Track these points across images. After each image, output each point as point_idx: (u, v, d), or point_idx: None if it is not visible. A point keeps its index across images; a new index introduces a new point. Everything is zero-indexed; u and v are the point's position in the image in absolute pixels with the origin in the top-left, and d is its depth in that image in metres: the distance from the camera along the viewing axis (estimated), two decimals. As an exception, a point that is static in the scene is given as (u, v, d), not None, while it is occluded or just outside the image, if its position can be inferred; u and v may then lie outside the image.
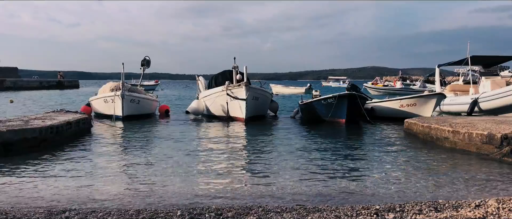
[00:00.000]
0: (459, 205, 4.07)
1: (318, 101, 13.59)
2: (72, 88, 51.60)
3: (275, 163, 6.82)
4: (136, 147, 8.64)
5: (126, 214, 3.92)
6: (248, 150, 8.40)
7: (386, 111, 14.02)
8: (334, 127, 12.18)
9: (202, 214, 3.90)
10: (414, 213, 3.80)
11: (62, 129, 8.75)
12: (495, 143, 7.45)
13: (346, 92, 12.94)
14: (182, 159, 7.19)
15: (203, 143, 9.41)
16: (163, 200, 4.74)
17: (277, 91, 38.45)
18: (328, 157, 7.40)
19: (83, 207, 4.36)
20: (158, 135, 10.75)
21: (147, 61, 18.03)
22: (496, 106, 12.81)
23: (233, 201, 4.64)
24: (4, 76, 43.26)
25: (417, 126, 9.98)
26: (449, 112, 15.37)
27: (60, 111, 12.07)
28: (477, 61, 16.71)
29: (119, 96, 13.68)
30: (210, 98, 14.68)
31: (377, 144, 9.00)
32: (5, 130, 7.40)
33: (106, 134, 10.82)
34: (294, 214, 3.87)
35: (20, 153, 7.37)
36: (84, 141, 9.31)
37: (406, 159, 7.16)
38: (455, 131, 8.43)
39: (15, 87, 41.49)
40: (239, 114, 13.27)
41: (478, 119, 10.73)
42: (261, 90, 14.73)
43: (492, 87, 13.83)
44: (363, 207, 4.07)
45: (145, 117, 15.21)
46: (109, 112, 14.08)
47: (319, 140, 9.69)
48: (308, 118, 14.72)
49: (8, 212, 4.09)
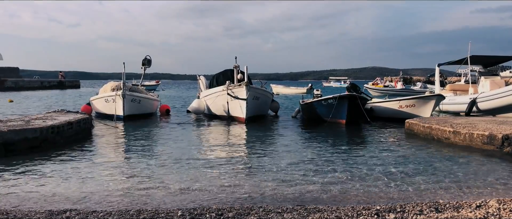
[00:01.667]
0: (460, 205, 4.07)
1: (318, 102, 13.58)
2: (73, 88, 51.62)
3: (275, 163, 6.81)
4: (137, 147, 8.65)
5: (127, 214, 3.92)
6: (249, 149, 8.40)
7: (386, 111, 14.01)
8: (335, 128, 12.18)
9: (202, 214, 3.90)
10: (415, 214, 3.79)
11: (63, 129, 8.75)
12: (496, 144, 7.45)
13: (346, 93, 12.93)
14: (182, 159, 7.19)
15: (203, 143, 9.42)
16: (163, 200, 4.74)
17: (278, 91, 38.42)
18: (328, 157, 7.40)
19: (84, 207, 4.36)
20: (159, 135, 10.76)
21: (148, 61, 18.01)
22: (494, 106, 12.79)
23: (233, 201, 4.64)
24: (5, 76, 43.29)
25: (418, 126, 9.98)
26: (447, 111, 15.37)
27: (61, 110, 12.07)
28: (477, 61, 16.71)
29: (120, 96, 13.67)
30: (210, 97, 14.69)
31: (378, 144, 8.99)
32: (6, 130, 7.40)
33: (107, 134, 10.83)
34: (295, 214, 3.87)
35: (21, 153, 7.37)
36: (85, 141, 9.32)
37: (407, 160, 7.15)
38: (456, 132, 8.43)
39: (16, 87, 41.52)
40: (240, 114, 13.27)
41: (479, 119, 10.72)
42: (262, 90, 14.73)
43: (491, 88, 13.82)
44: (364, 208, 4.08)
45: (146, 116, 15.22)
46: (110, 111, 14.08)
47: (319, 140, 9.68)
48: (308, 118, 14.72)
49: (9, 212, 4.09)
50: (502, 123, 9.20)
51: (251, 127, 12.25)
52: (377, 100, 15.74)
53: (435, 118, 11.67)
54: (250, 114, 13.21)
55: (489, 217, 3.64)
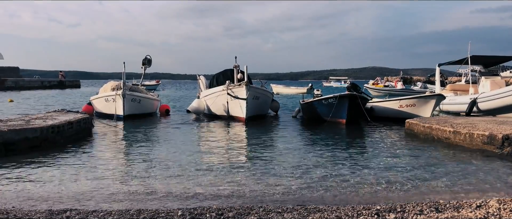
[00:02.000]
0: (460, 205, 4.07)
1: (319, 101, 13.58)
2: (73, 88, 51.60)
3: (275, 163, 6.82)
4: (137, 147, 8.65)
5: (127, 214, 3.92)
6: (249, 149, 8.40)
7: (386, 111, 14.01)
8: (335, 127, 12.17)
9: (203, 214, 3.90)
10: (415, 214, 3.79)
11: (63, 129, 8.75)
12: (496, 144, 7.44)
13: (347, 92, 12.92)
14: (183, 159, 7.19)
15: (203, 143, 9.42)
16: (164, 200, 4.74)
17: (278, 91, 38.39)
18: (328, 157, 7.40)
19: (84, 207, 4.36)
20: (159, 134, 10.76)
21: (149, 61, 18.02)
22: (495, 106, 12.78)
23: (234, 201, 4.64)
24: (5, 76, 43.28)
25: (418, 126, 9.98)
26: (448, 111, 15.36)
27: (61, 110, 12.07)
28: (478, 61, 16.70)
29: (120, 95, 13.67)
30: (210, 97, 14.69)
31: (378, 144, 8.99)
32: (6, 130, 7.41)
33: (107, 133, 10.83)
34: (295, 214, 3.87)
35: (21, 152, 7.38)
36: (85, 141, 9.32)
37: (407, 159, 7.15)
38: (456, 132, 8.43)
39: (16, 87, 41.51)
40: (240, 113, 13.28)
41: (479, 119, 10.72)
42: (262, 90, 14.73)
43: (491, 88, 13.81)
44: (364, 208, 4.07)
45: (146, 116, 15.22)
46: (110, 111, 14.08)
47: (319, 140, 9.69)
48: (309, 118, 14.72)
49: (9, 211, 4.09)
50: (502, 123, 9.19)
51: (251, 127, 12.25)
52: (377, 100, 15.74)
53: (435, 118, 11.66)
54: (250, 114, 13.22)
55: (490, 217, 3.64)
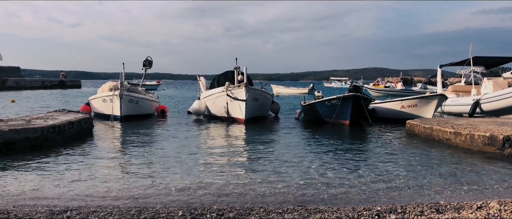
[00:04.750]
0: (460, 206, 4.07)
1: (321, 103, 13.54)
2: (74, 88, 51.62)
3: (275, 164, 6.81)
4: (137, 147, 8.65)
5: (128, 214, 3.92)
6: (249, 150, 8.40)
7: (387, 111, 13.98)
8: (337, 128, 12.16)
9: (203, 214, 3.90)
10: (416, 215, 3.79)
11: (64, 129, 8.76)
12: (497, 145, 7.44)
13: (350, 93, 12.88)
14: (183, 159, 7.20)
15: (203, 143, 9.42)
16: (164, 200, 4.74)
17: (278, 92, 38.36)
18: (329, 158, 7.40)
19: (85, 207, 4.36)
20: (159, 135, 10.75)
21: (149, 62, 18.00)
22: (498, 107, 12.76)
23: (234, 202, 4.64)
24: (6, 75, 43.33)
25: (419, 127, 9.97)
26: (450, 112, 15.34)
27: (62, 110, 12.07)
28: (479, 62, 16.69)
29: (117, 96, 13.61)
30: (211, 98, 14.68)
31: (379, 145, 8.99)
32: (7, 129, 7.42)
33: (107, 134, 10.84)
34: (296, 214, 3.87)
35: (22, 152, 7.38)
36: (86, 141, 9.32)
37: (408, 160, 7.15)
38: (457, 132, 8.42)
39: (17, 86, 41.54)
40: (239, 115, 13.26)
41: (480, 120, 10.70)
42: (262, 91, 14.70)
43: (494, 89, 13.80)
44: (365, 208, 4.07)
45: (144, 117, 15.11)
46: (107, 111, 13.98)
47: (320, 141, 9.68)
48: (310, 119, 14.70)
49: (10, 211, 4.09)
50: (503, 124, 9.18)
51: (250, 128, 12.23)
52: (379, 101, 15.73)
53: (436, 119, 11.65)
54: (249, 115, 13.20)
55: (490, 218, 3.63)
